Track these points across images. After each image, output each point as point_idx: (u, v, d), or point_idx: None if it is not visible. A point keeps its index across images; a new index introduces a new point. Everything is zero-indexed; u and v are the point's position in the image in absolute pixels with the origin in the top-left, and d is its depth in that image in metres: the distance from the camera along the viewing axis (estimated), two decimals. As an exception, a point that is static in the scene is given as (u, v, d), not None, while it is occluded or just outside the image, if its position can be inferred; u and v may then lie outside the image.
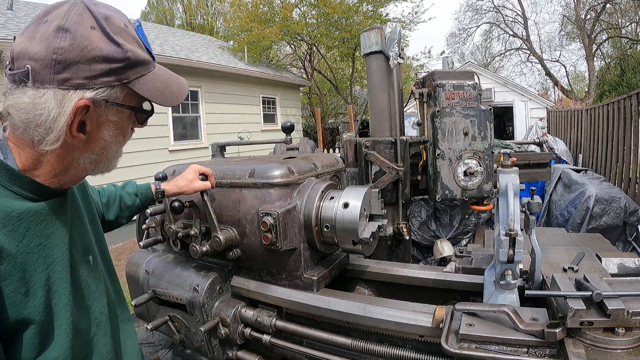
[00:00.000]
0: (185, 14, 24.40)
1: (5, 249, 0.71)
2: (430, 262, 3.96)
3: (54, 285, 0.79)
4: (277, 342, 1.69)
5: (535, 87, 23.43)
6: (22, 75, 0.70)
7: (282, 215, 1.55)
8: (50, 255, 0.80)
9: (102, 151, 0.82)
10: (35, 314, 0.75)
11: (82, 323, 0.86)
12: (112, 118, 0.80)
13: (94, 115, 0.77)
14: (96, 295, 0.92)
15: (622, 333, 1.05)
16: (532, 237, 1.38)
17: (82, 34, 0.71)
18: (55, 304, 0.79)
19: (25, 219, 0.76)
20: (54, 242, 0.81)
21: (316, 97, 16.58)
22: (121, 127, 0.83)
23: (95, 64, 0.72)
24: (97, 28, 0.73)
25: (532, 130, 10.20)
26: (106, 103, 0.77)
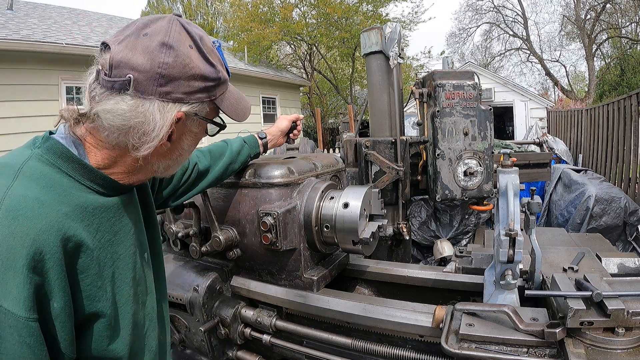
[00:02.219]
0: (185, 14, 24.38)
1: (85, 243, 0.74)
2: (430, 262, 3.96)
3: (117, 281, 0.82)
4: (277, 342, 1.69)
5: (535, 87, 23.44)
6: (124, 83, 0.74)
7: (282, 215, 1.55)
8: (116, 252, 0.83)
9: (178, 158, 0.89)
10: (106, 307, 0.79)
11: (140, 317, 0.90)
12: (195, 130, 0.87)
13: (182, 126, 0.83)
14: (149, 291, 0.96)
15: (622, 333, 1.05)
16: (532, 237, 1.38)
17: (184, 52, 0.77)
18: (119, 298, 0.83)
19: (98, 215, 0.79)
20: (120, 238, 0.84)
21: (316, 97, 16.58)
22: (197, 138, 0.90)
23: (194, 81, 0.79)
24: (195, 47, 0.79)
25: (532, 130, 10.19)
26: (195, 116, 0.83)
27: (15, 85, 6.46)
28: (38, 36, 6.84)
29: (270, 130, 1.70)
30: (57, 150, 0.77)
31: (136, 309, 0.88)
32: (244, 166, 1.60)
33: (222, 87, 0.86)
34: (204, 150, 1.48)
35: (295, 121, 1.75)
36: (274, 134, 1.70)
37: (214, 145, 1.53)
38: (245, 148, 1.58)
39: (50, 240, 0.68)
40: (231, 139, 1.60)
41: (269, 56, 13.42)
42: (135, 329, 0.87)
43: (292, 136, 1.74)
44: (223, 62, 0.87)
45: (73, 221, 0.73)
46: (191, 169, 1.36)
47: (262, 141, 1.65)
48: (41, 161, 0.76)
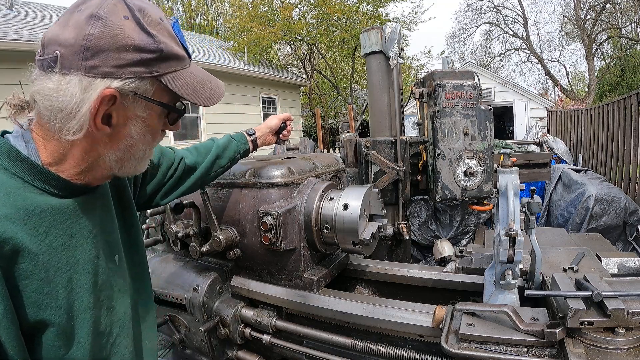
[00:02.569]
0: (185, 14, 24.40)
1: (27, 247, 0.69)
2: (430, 262, 3.96)
3: (75, 287, 0.77)
4: (277, 342, 1.69)
5: (535, 87, 23.46)
6: (51, 60, 0.69)
7: (282, 215, 1.55)
8: (73, 256, 0.77)
9: (129, 149, 0.79)
10: (56, 316, 0.73)
11: (105, 324, 0.84)
12: (140, 113, 0.77)
13: (121, 108, 0.74)
14: (120, 296, 0.90)
15: (622, 333, 1.05)
16: (532, 237, 1.38)
17: (114, 22, 0.69)
18: (76, 306, 0.77)
19: (48, 217, 0.74)
20: (77, 242, 0.79)
21: (316, 97, 16.58)
22: (150, 125, 0.80)
23: (125, 53, 0.70)
24: (131, 18, 0.71)
25: (532, 130, 10.19)
26: (134, 96, 0.74)
27: (15, 86, 6.46)
28: (38, 36, 6.84)
29: (259, 127, 1.63)
30: (5, 150, 0.73)
31: (98, 317, 0.82)
32: (232, 163, 1.52)
33: (171, 64, 0.76)
34: (191, 148, 1.42)
35: (286, 121, 1.69)
36: (263, 131, 1.63)
37: (200, 143, 1.47)
38: (232, 143, 1.49)
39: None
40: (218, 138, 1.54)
41: (269, 56, 13.42)
42: (99, 338, 0.82)
43: (282, 136, 1.69)
44: (179, 39, 0.79)
45: (12, 224, 0.68)
46: (177, 162, 1.28)
47: (250, 137, 1.56)
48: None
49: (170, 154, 1.27)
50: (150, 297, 1.06)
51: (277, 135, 1.70)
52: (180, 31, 0.81)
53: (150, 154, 0.87)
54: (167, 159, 1.24)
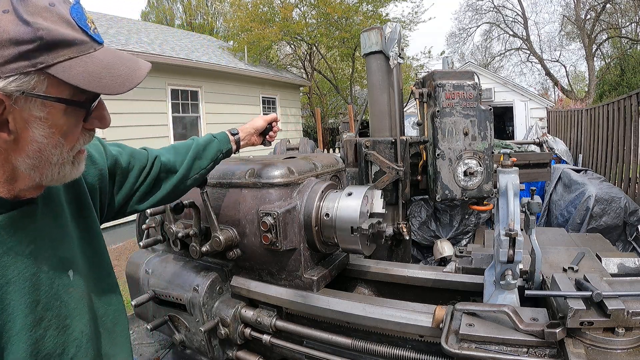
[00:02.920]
0: (185, 14, 24.40)
1: None
2: (430, 262, 3.96)
3: (8, 307, 0.71)
4: (277, 342, 1.69)
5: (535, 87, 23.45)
6: None
7: (282, 215, 1.55)
8: (4, 275, 0.71)
9: (38, 154, 0.71)
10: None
11: (54, 344, 0.78)
12: (38, 114, 0.68)
13: (15, 111, 0.66)
14: (76, 314, 0.83)
15: (622, 333, 1.05)
16: (532, 237, 1.38)
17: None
18: (9, 327, 0.71)
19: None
20: (9, 260, 0.72)
21: (316, 97, 16.58)
22: (56, 125, 0.70)
23: (3, 50, 0.62)
24: (11, 11, 0.63)
25: (532, 130, 10.19)
26: (23, 95, 0.65)
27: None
28: (38, 36, 6.83)
29: (243, 127, 1.56)
30: None
31: (41, 337, 0.75)
32: (215, 164, 1.44)
33: (61, 52, 0.66)
34: (169, 147, 1.33)
35: (272, 122, 1.63)
36: (247, 131, 1.55)
37: (180, 142, 1.38)
38: (214, 143, 1.40)
39: None
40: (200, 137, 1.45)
41: (269, 56, 13.41)
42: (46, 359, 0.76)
43: (268, 137, 1.65)
44: (76, 23, 0.69)
45: None
46: (151, 163, 1.19)
47: (234, 137, 1.48)
48: None
49: (142, 155, 1.19)
50: (120, 311, 0.99)
51: (264, 136, 1.64)
52: (81, 12, 0.70)
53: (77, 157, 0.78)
54: (139, 161, 1.17)
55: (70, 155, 0.75)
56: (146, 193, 1.20)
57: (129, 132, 7.23)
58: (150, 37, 9.93)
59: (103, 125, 0.78)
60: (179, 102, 8.69)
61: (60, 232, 0.84)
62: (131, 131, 7.29)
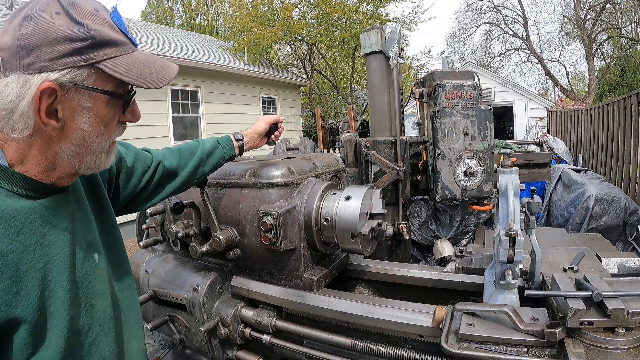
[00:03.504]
0: (185, 14, 24.40)
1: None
2: (430, 262, 3.96)
3: (50, 284, 0.77)
4: (277, 342, 1.69)
5: (535, 87, 23.45)
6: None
7: (282, 215, 1.55)
8: (47, 254, 0.78)
9: (82, 142, 0.79)
10: (28, 313, 0.73)
11: (83, 322, 0.84)
12: (85, 104, 0.77)
13: (65, 100, 0.75)
14: (100, 294, 0.90)
15: (622, 333, 1.05)
16: (532, 237, 1.38)
17: (45, 18, 0.71)
18: (51, 303, 0.77)
19: (19, 217, 0.74)
20: (50, 239, 0.79)
21: (316, 97, 16.58)
22: (99, 115, 0.79)
23: (58, 45, 0.71)
24: (62, 13, 0.72)
25: (532, 130, 10.20)
26: (74, 86, 0.74)
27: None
28: (38, 36, 6.84)
29: (246, 132, 1.60)
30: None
31: (76, 314, 0.82)
32: (216, 169, 1.49)
33: (108, 50, 0.76)
34: (173, 149, 1.38)
35: (276, 123, 1.66)
36: (251, 136, 1.60)
37: (184, 144, 1.43)
38: (218, 149, 1.47)
39: None
40: (205, 139, 1.49)
41: (269, 56, 13.41)
42: (76, 335, 0.82)
43: (273, 138, 1.67)
44: (117, 26, 0.79)
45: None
46: (155, 165, 1.26)
47: (237, 143, 1.54)
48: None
49: (146, 157, 1.25)
50: (133, 298, 1.06)
51: (268, 136, 1.67)
52: (120, 19, 0.81)
53: (110, 147, 0.86)
54: (143, 163, 1.23)
55: (107, 144, 0.85)
56: (150, 194, 1.27)
57: (129, 132, 7.19)
58: (150, 37, 9.93)
59: (135, 118, 0.89)
60: (179, 102, 8.69)
61: (85, 218, 0.92)
62: (131, 131, 7.27)
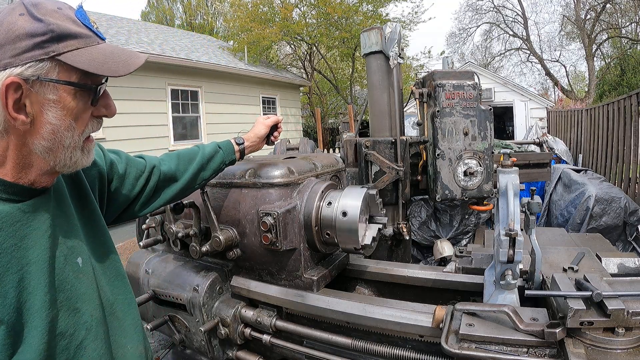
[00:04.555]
0: (185, 14, 24.40)
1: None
2: (430, 262, 3.96)
3: (28, 286, 0.78)
4: (277, 342, 1.69)
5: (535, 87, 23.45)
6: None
7: (282, 215, 1.55)
8: (24, 256, 0.79)
9: (53, 137, 0.80)
10: (5, 313, 0.74)
11: (66, 325, 0.84)
12: (51, 97, 0.78)
13: (32, 95, 0.76)
14: (85, 298, 0.89)
15: (622, 333, 1.05)
16: (532, 237, 1.38)
17: (10, 20, 0.75)
18: (29, 305, 0.78)
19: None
20: (29, 242, 0.80)
21: (316, 97, 16.58)
22: (67, 108, 0.80)
23: (19, 42, 0.74)
24: (26, 13, 0.75)
25: (532, 130, 10.20)
26: (38, 80, 0.76)
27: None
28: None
29: (247, 136, 1.60)
30: None
31: (55, 316, 0.82)
32: (217, 173, 1.49)
33: (70, 42, 0.78)
34: (172, 154, 1.38)
35: (275, 124, 1.65)
36: (252, 140, 1.59)
37: (184, 149, 1.43)
38: (219, 154, 1.46)
39: None
40: (205, 144, 1.49)
41: (269, 56, 13.41)
42: (58, 338, 0.82)
43: (272, 138, 1.66)
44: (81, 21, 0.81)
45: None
46: (148, 171, 1.25)
47: (239, 147, 1.54)
48: None
49: (139, 164, 1.25)
50: (129, 301, 1.05)
51: (267, 137, 1.66)
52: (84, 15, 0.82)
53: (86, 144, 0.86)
54: (136, 168, 1.22)
55: (81, 139, 0.84)
56: (147, 200, 1.26)
57: (129, 132, 7.23)
58: (150, 37, 9.93)
59: (109, 112, 0.88)
60: (179, 102, 8.69)
61: (67, 223, 0.91)
62: (131, 131, 7.29)
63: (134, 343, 1.03)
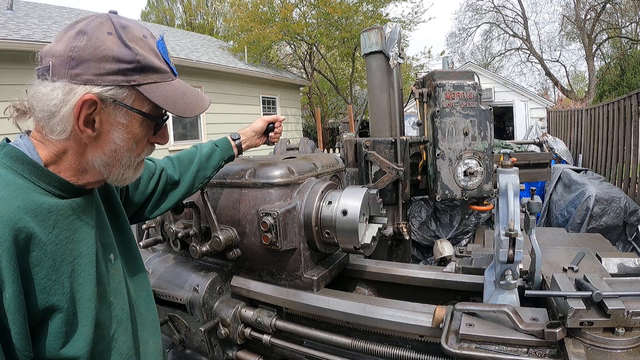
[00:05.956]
0: (185, 14, 24.41)
1: (38, 237, 0.76)
2: (430, 262, 3.96)
3: (79, 277, 0.82)
4: (277, 342, 1.69)
5: (535, 87, 23.46)
6: (44, 70, 0.79)
7: (282, 215, 1.55)
8: (76, 249, 0.83)
9: (113, 154, 0.85)
10: (63, 301, 0.78)
11: (104, 317, 0.89)
12: (122, 120, 0.83)
13: (103, 114, 0.81)
14: (117, 293, 0.94)
15: (622, 333, 1.05)
16: (532, 237, 1.38)
17: (98, 36, 0.78)
18: (80, 296, 0.82)
19: (55, 212, 0.80)
20: (80, 236, 0.85)
21: (316, 97, 16.58)
22: (132, 132, 0.85)
23: (105, 63, 0.78)
24: (114, 34, 0.79)
25: (532, 130, 10.20)
26: (114, 103, 0.80)
27: (15, 85, 6.46)
28: (38, 36, 6.84)
29: (244, 131, 1.63)
30: (13, 154, 0.81)
31: (99, 309, 0.86)
32: (217, 171, 1.53)
33: (150, 76, 0.83)
34: (172, 158, 1.42)
35: (273, 122, 1.66)
36: (248, 135, 1.62)
37: (183, 152, 1.46)
38: (216, 152, 1.50)
39: (0, 230, 0.70)
40: (203, 143, 1.52)
41: (269, 56, 13.41)
42: (99, 329, 0.86)
43: (271, 139, 1.67)
44: (161, 55, 0.87)
45: (27, 215, 0.75)
46: (158, 174, 1.30)
47: (235, 142, 1.56)
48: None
49: (150, 165, 1.29)
50: (150, 299, 1.10)
51: (267, 135, 1.68)
52: (165, 48, 0.88)
53: (138, 165, 0.92)
54: (147, 170, 1.27)
55: (136, 161, 0.91)
56: (156, 203, 1.32)
57: (129, 132, 7.22)
58: (150, 37, 9.91)
59: (163, 141, 0.95)
60: (179, 102, 8.67)
61: (102, 220, 0.97)
62: (131, 131, 7.28)
63: (155, 338, 1.09)
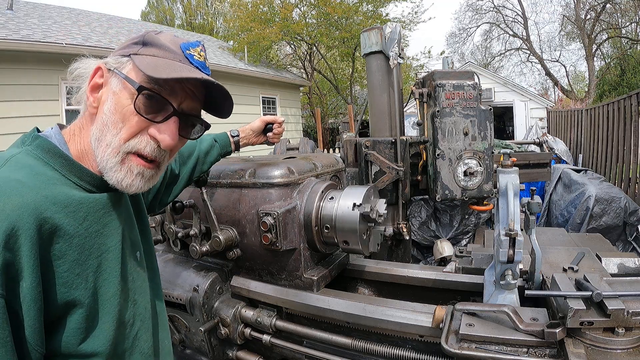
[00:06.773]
0: (185, 14, 24.41)
1: (63, 229, 0.74)
2: (430, 262, 3.96)
3: (104, 273, 0.81)
4: (277, 342, 1.69)
5: (535, 87, 23.44)
6: None
7: (282, 215, 1.55)
8: (104, 243, 0.82)
9: (102, 127, 0.81)
10: (85, 296, 0.76)
11: (129, 315, 0.87)
12: (114, 88, 0.82)
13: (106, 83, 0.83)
14: (141, 291, 0.93)
15: (622, 333, 1.05)
16: (532, 237, 1.38)
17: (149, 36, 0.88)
18: (104, 292, 0.80)
19: (85, 205, 0.79)
20: (109, 231, 0.84)
21: (316, 97, 16.57)
22: (119, 103, 0.80)
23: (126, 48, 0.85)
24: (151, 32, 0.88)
25: (532, 130, 10.20)
26: (113, 71, 0.83)
27: (15, 85, 6.46)
28: (38, 36, 6.84)
29: (243, 128, 1.67)
30: (45, 146, 0.80)
31: (123, 306, 0.84)
32: (213, 164, 1.58)
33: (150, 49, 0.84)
34: None
35: (272, 123, 1.68)
36: (246, 133, 1.66)
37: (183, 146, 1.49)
38: (215, 148, 1.54)
39: (25, 217, 0.67)
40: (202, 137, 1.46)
41: (269, 56, 13.41)
42: (122, 327, 0.84)
43: (270, 139, 1.69)
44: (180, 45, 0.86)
45: (54, 206, 0.73)
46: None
47: (233, 139, 1.61)
48: (30, 155, 0.78)
49: None
50: (162, 299, 1.10)
51: (264, 135, 1.71)
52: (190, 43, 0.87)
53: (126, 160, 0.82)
54: None
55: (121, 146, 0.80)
56: (162, 197, 1.33)
57: (129, 132, 7.21)
58: (150, 37, 9.91)
59: (160, 138, 0.83)
60: (179, 102, 8.67)
61: (130, 218, 0.95)
62: (131, 131, 7.27)
63: (169, 338, 1.09)
